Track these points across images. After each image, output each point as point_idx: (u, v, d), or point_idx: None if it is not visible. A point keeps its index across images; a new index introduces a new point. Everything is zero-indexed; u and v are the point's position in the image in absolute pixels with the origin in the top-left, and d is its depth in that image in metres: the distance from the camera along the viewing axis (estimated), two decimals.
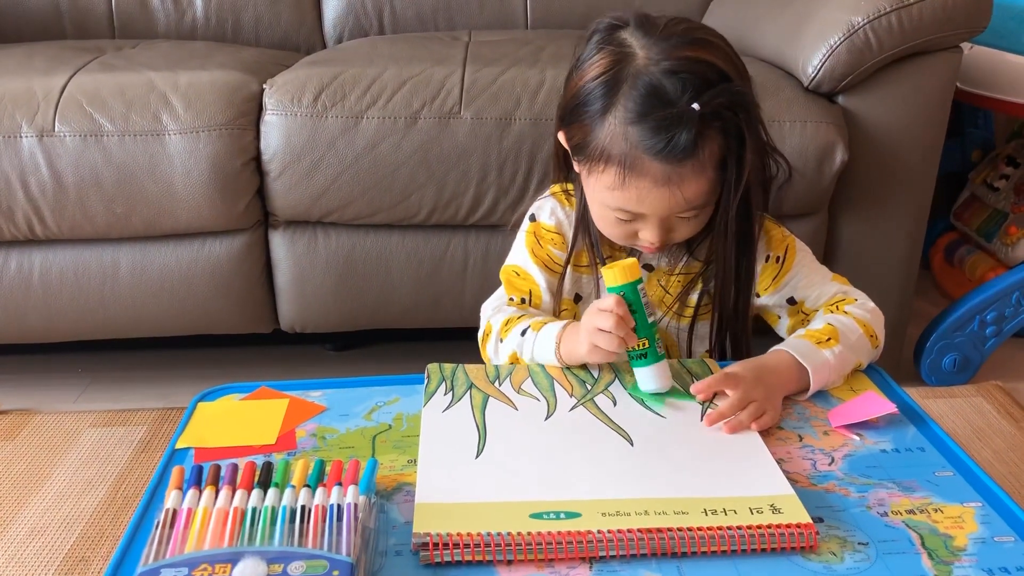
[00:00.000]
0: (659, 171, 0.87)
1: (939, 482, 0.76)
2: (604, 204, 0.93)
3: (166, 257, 1.40)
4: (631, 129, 0.87)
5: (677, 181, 0.87)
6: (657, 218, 0.91)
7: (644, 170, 0.87)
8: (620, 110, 0.87)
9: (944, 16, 1.30)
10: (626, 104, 0.87)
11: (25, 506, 1.25)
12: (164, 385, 1.62)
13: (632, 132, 0.86)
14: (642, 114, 0.86)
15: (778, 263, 1.03)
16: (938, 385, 1.57)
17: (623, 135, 0.87)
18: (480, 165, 1.33)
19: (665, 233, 0.93)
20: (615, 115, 0.88)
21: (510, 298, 1.05)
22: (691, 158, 0.86)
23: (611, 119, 0.88)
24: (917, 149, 1.40)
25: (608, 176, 0.89)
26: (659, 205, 0.89)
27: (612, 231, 0.97)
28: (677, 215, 0.92)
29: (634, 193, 0.89)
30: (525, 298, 1.05)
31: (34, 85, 1.37)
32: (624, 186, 0.89)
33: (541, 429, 0.82)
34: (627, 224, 0.94)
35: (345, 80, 1.35)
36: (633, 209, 0.91)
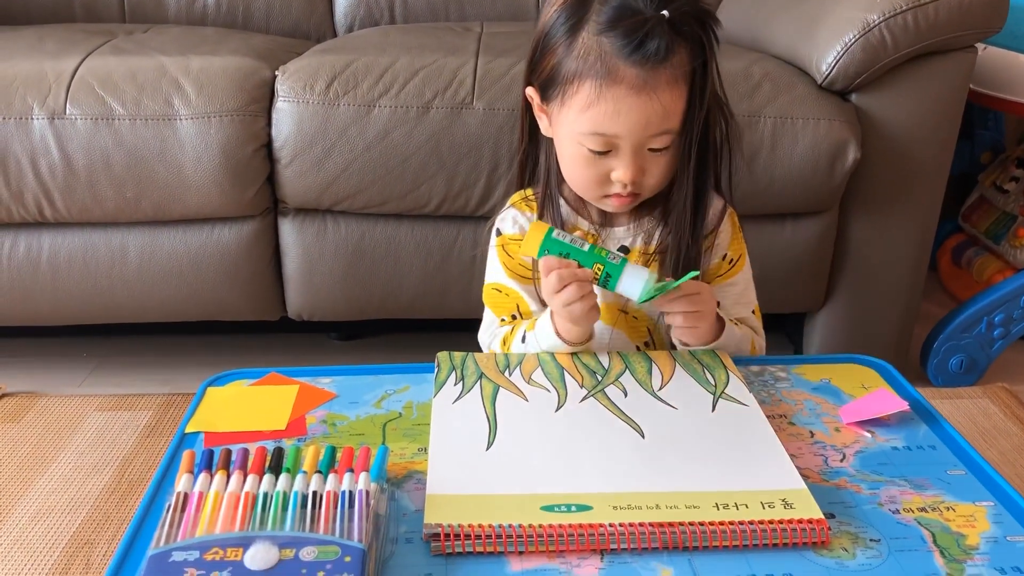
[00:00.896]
0: (634, 76, 0.87)
1: (951, 480, 0.75)
2: (578, 134, 0.92)
3: (175, 242, 1.39)
4: (603, 39, 0.88)
5: (652, 88, 0.88)
6: (632, 144, 0.91)
7: (619, 76, 0.88)
8: (591, 24, 0.89)
9: (960, 16, 1.30)
10: (596, 19, 0.89)
11: (30, 489, 1.25)
12: (169, 370, 1.62)
13: (605, 41, 0.88)
14: (614, 22, 0.88)
15: (730, 265, 1.05)
16: (944, 386, 1.57)
17: (596, 46, 0.88)
18: (491, 156, 1.33)
19: (638, 169, 0.93)
20: (586, 30, 0.89)
21: (501, 319, 1.06)
22: (665, 63, 0.87)
23: (582, 35, 0.90)
24: (929, 149, 1.40)
25: (583, 93, 0.90)
26: (635, 117, 0.89)
27: (584, 177, 0.95)
28: (649, 144, 0.92)
29: (611, 104, 0.89)
30: (515, 314, 1.05)
31: (46, 67, 1.36)
32: (600, 98, 0.89)
33: (552, 420, 0.82)
34: (599, 162, 0.93)
35: (357, 68, 1.34)
36: (608, 128, 0.90)
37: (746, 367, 0.94)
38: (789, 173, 1.33)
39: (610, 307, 1.03)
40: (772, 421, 0.82)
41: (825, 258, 1.45)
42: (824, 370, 0.94)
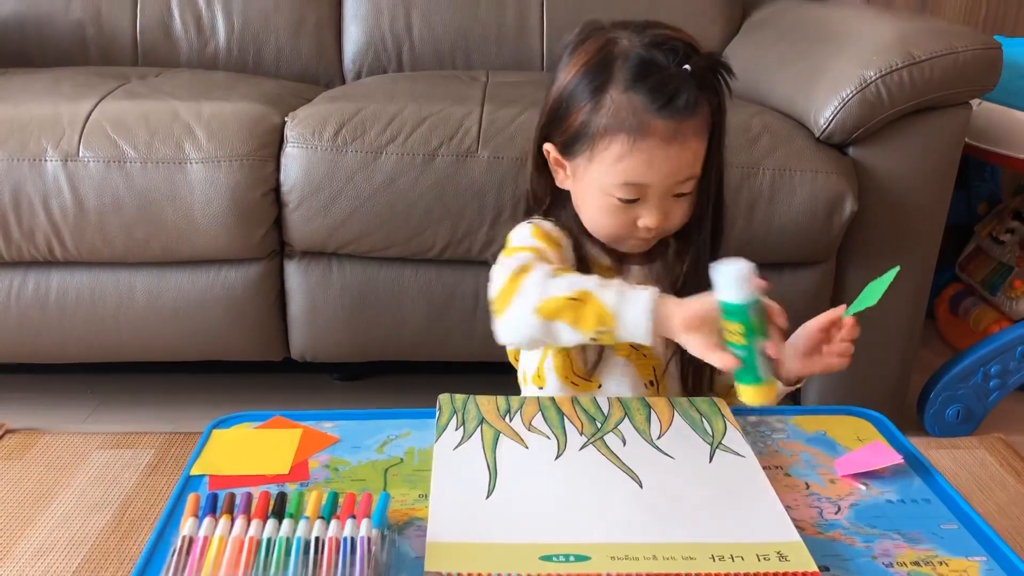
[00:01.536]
0: (665, 129, 0.92)
1: (944, 535, 0.76)
2: (608, 186, 0.96)
3: (182, 283, 1.41)
4: (633, 95, 0.92)
5: (682, 139, 0.93)
6: (659, 192, 0.95)
7: (651, 130, 0.92)
8: (618, 82, 0.93)
9: (955, 73, 1.33)
10: (623, 76, 0.93)
11: (31, 526, 1.26)
12: (171, 409, 1.63)
13: (635, 97, 0.92)
14: (640, 79, 0.92)
15: None
16: (941, 436, 1.58)
17: (626, 103, 0.93)
18: (495, 203, 1.35)
19: (663, 215, 0.97)
20: (613, 88, 0.93)
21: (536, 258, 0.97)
22: (693, 115, 0.92)
23: (610, 94, 0.94)
24: (925, 202, 1.42)
25: (616, 147, 0.94)
26: (666, 167, 0.93)
27: (611, 224, 0.99)
28: (675, 190, 0.96)
29: (644, 156, 0.93)
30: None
31: (60, 110, 1.39)
32: (633, 151, 0.93)
33: (551, 469, 0.83)
34: (627, 210, 0.97)
35: (365, 116, 1.37)
36: (640, 178, 0.94)
37: (743, 417, 0.95)
38: (787, 224, 1.35)
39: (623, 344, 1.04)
40: (768, 472, 0.83)
41: (822, 308, 1.44)
42: (820, 421, 0.95)
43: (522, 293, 0.91)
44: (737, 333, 0.82)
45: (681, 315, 0.85)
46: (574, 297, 0.89)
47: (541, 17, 1.89)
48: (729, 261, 0.82)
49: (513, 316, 0.92)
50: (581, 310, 0.88)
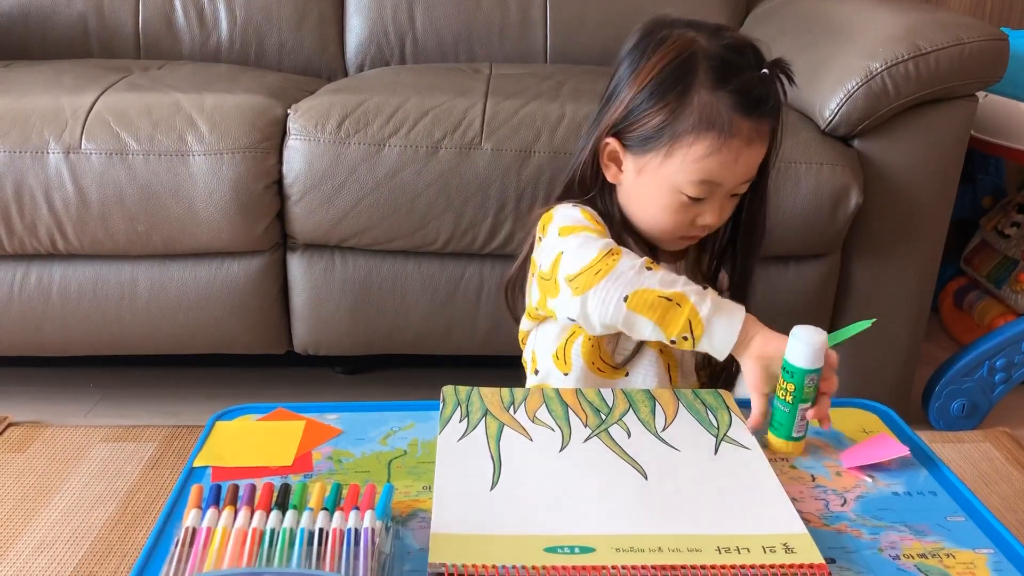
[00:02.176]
0: (749, 129, 0.96)
1: (951, 527, 0.76)
2: (683, 183, 0.98)
3: (184, 276, 1.41)
4: (721, 94, 0.96)
5: (760, 140, 0.98)
6: (726, 191, 0.99)
7: (739, 129, 0.96)
8: (704, 82, 0.96)
9: (961, 65, 1.32)
10: (708, 76, 0.96)
11: (34, 519, 1.26)
12: (173, 403, 1.63)
13: (723, 96, 0.96)
14: (726, 80, 0.95)
15: None
16: (946, 430, 1.57)
17: (715, 102, 0.96)
18: (498, 196, 1.35)
19: (720, 215, 1.02)
20: (700, 87, 0.96)
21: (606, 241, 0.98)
22: (770, 118, 0.98)
23: (697, 92, 0.96)
24: (931, 194, 1.41)
25: (700, 145, 0.96)
26: (744, 167, 0.98)
27: (674, 220, 1.02)
28: (736, 190, 1.01)
29: (731, 154, 0.97)
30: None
31: (62, 103, 1.39)
32: (722, 148, 0.96)
33: (555, 461, 0.83)
34: (691, 207, 1.00)
35: (368, 108, 1.37)
36: (719, 176, 0.98)
37: (748, 410, 0.95)
38: (792, 216, 1.35)
39: None
40: (773, 464, 0.83)
41: (827, 301, 1.46)
42: None
43: (616, 276, 0.92)
44: (788, 392, 0.85)
45: (761, 345, 0.89)
46: (670, 297, 0.90)
47: (544, 9, 1.88)
48: (808, 328, 0.84)
49: (602, 295, 0.92)
50: (673, 312, 0.90)
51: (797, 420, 0.86)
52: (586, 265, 0.94)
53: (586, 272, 0.93)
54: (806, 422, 0.86)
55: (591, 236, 0.98)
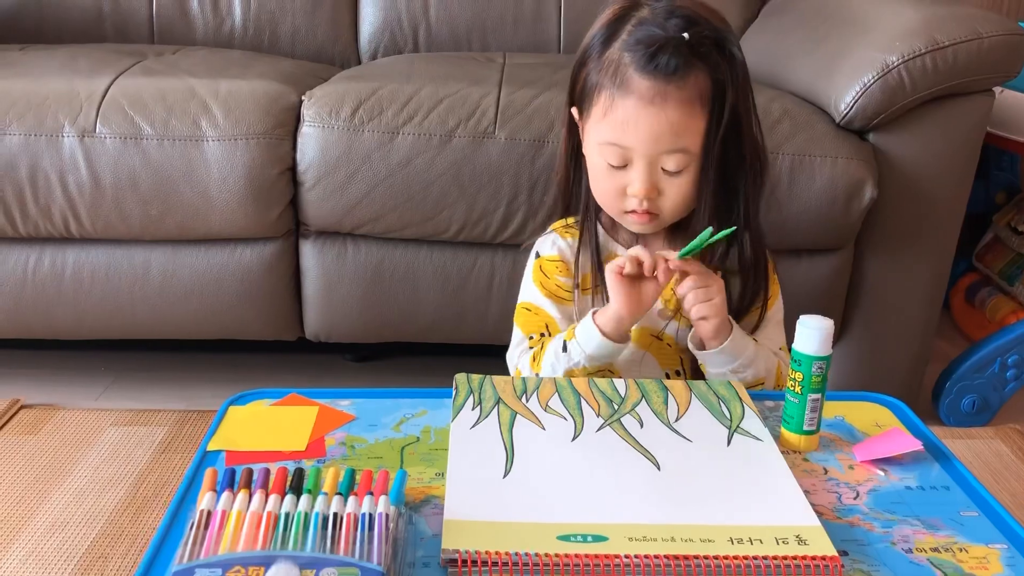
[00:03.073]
0: (646, 88, 0.93)
1: (964, 521, 0.76)
2: (597, 145, 0.98)
3: (197, 261, 1.41)
4: (624, 54, 0.95)
5: (662, 102, 0.93)
6: (643, 158, 0.96)
7: (632, 87, 0.94)
8: (619, 41, 0.96)
9: (978, 60, 1.31)
10: (625, 37, 0.96)
11: (46, 501, 1.27)
12: (185, 387, 1.63)
13: (626, 55, 0.95)
14: (638, 41, 0.94)
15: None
16: (956, 426, 1.57)
17: (616, 59, 0.95)
18: (512, 185, 1.35)
19: (652, 186, 0.97)
20: (614, 46, 0.96)
21: (529, 337, 1.08)
22: (677, 81, 0.93)
23: (610, 50, 0.96)
24: (945, 190, 1.41)
25: (600, 102, 0.96)
26: (645, 129, 0.94)
27: (603, 187, 1.01)
28: (662, 162, 0.96)
29: (621, 114, 0.95)
30: (544, 332, 1.08)
31: (77, 86, 1.39)
32: (613, 106, 0.95)
33: (568, 450, 0.83)
34: (617, 175, 0.98)
35: (383, 96, 1.37)
36: (620, 139, 0.95)
37: (761, 402, 0.95)
38: (806, 210, 1.34)
39: (644, 332, 1.05)
40: (786, 457, 0.83)
41: (839, 295, 1.46)
42: (838, 407, 0.94)
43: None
44: (796, 382, 0.85)
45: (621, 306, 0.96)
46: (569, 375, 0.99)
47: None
48: (814, 317, 0.84)
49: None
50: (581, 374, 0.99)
51: (808, 412, 0.85)
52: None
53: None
54: (818, 414, 0.86)
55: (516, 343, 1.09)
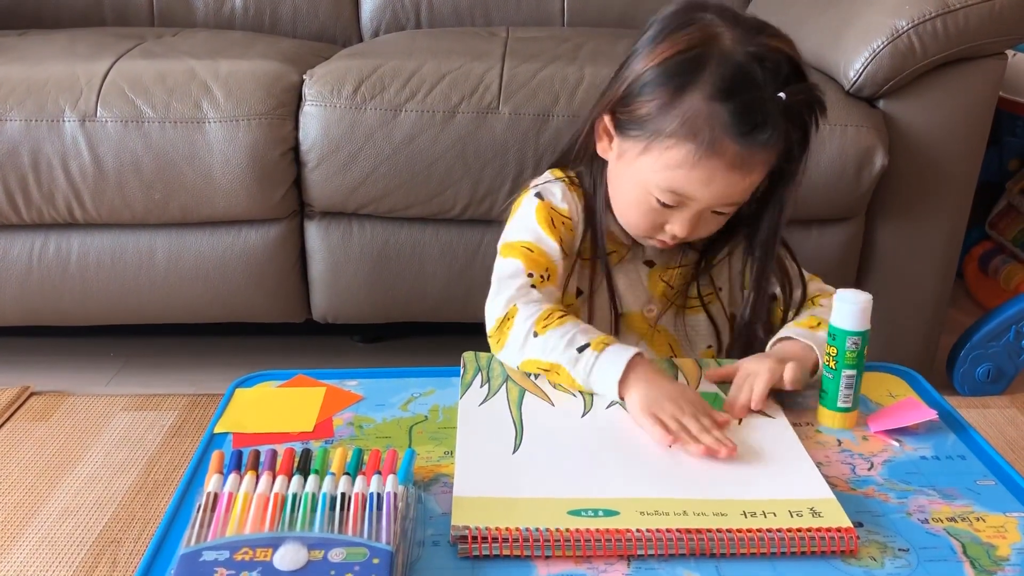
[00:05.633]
0: (736, 154, 0.87)
1: (980, 491, 0.75)
2: (653, 185, 0.91)
3: (202, 244, 1.41)
4: (717, 107, 0.86)
5: (748, 167, 0.88)
6: (701, 207, 0.91)
7: (722, 150, 0.86)
8: (705, 86, 0.86)
9: (990, 22, 1.29)
10: (713, 81, 0.86)
11: (57, 487, 1.27)
12: (194, 371, 1.63)
13: (718, 110, 0.86)
14: (730, 93, 0.85)
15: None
16: (971, 395, 1.56)
17: (707, 112, 0.86)
18: (517, 160, 1.33)
19: (693, 228, 0.93)
20: (699, 90, 0.86)
21: (529, 274, 0.96)
22: (766, 147, 0.87)
23: (694, 95, 0.87)
24: (957, 156, 1.39)
25: (678, 153, 0.88)
26: (723, 190, 0.89)
27: (639, 219, 0.95)
28: (716, 209, 0.92)
29: (704, 173, 0.88)
30: (544, 276, 0.96)
31: (77, 71, 1.38)
32: (696, 165, 0.87)
33: (578, 426, 0.82)
34: (661, 213, 0.93)
35: (384, 73, 1.35)
36: (690, 192, 0.90)
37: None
38: (816, 179, 1.32)
39: (637, 317, 1.04)
40: (798, 429, 0.82)
41: (851, 265, 1.44)
42: None
43: (508, 346, 0.91)
44: (831, 356, 0.82)
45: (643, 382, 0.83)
46: (547, 368, 0.88)
47: None
48: (852, 291, 0.82)
49: (505, 359, 0.93)
50: (556, 377, 0.88)
51: (842, 388, 0.82)
52: (490, 331, 0.95)
53: (491, 337, 0.94)
54: (854, 392, 0.82)
55: (510, 278, 0.96)
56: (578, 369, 0.86)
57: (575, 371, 0.86)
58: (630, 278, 1.03)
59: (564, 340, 0.87)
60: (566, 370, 0.86)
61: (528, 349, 0.89)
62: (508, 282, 0.96)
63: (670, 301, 1.03)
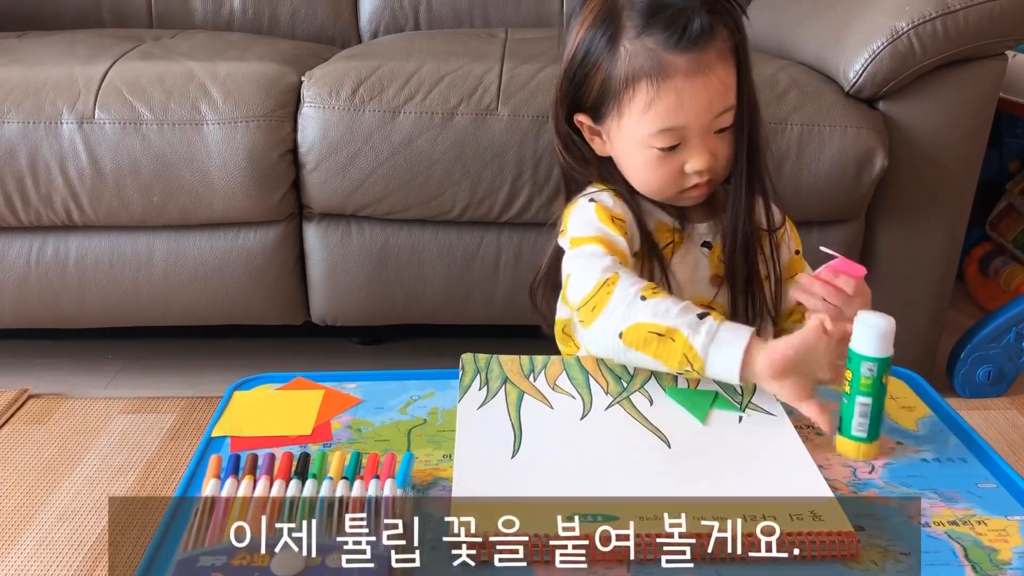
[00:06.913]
0: (686, 63, 0.89)
1: (982, 494, 0.74)
2: (645, 137, 0.92)
3: (200, 246, 1.40)
4: (645, 38, 0.89)
5: (705, 69, 0.89)
6: (699, 131, 0.92)
7: (672, 67, 0.89)
8: (627, 30, 0.90)
9: (990, 23, 1.29)
10: (631, 23, 0.90)
11: (56, 490, 1.27)
12: (192, 374, 1.63)
13: (647, 39, 0.89)
14: (649, 20, 0.89)
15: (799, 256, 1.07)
16: (972, 397, 1.55)
17: (639, 48, 0.90)
18: (516, 162, 1.33)
19: (710, 155, 0.93)
20: (625, 37, 0.90)
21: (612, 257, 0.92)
22: (711, 42, 0.89)
23: (622, 43, 0.90)
24: (958, 157, 1.38)
25: (640, 95, 0.90)
26: (697, 102, 0.90)
27: (659, 177, 0.94)
28: (715, 125, 0.92)
29: (671, 97, 0.89)
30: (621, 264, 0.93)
31: (75, 72, 1.38)
32: (659, 94, 0.89)
33: (577, 428, 0.82)
34: (671, 158, 0.93)
35: (383, 74, 1.35)
36: (674, 121, 0.90)
37: None
38: (816, 181, 1.32)
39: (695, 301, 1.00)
40: (799, 431, 0.81)
41: None
42: None
43: (609, 312, 0.86)
44: (847, 381, 0.78)
45: (769, 364, 0.78)
46: (662, 332, 0.82)
47: None
48: (873, 313, 0.78)
49: (599, 333, 0.87)
50: (668, 347, 0.82)
51: (856, 416, 0.78)
52: (584, 298, 0.89)
53: (584, 307, 0.89)
54: (869, 420, 0.77)
55: (594, 256, 0.92)
56: (699, 336, 0.81)
57: (695, 338, 0.81)
58: (690, 264, 1.01)
59: (678, 307, 0.83)
60: (683, 336, 0.81)
61: (636, 312, 0.84)
62: (596, 259, 0.92)
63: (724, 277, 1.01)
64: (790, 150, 1.31)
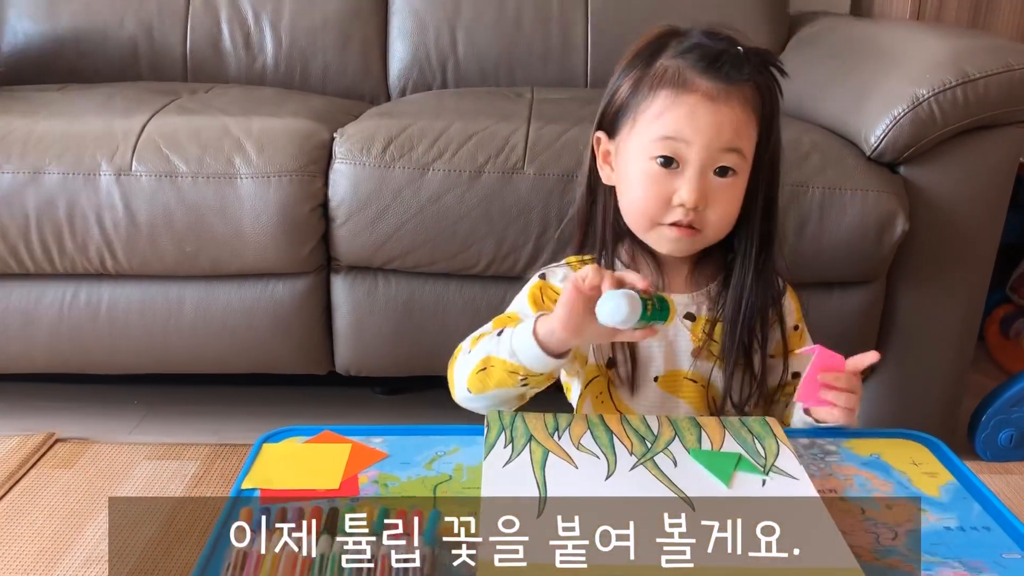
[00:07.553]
0: (708, 87, 0.94)
1: (1007, 564, 0.74)
2: (648, 144, 0.96)
3: (230, 296, 1.43)
4: (679, 59, 0.96)
5: (725, 99, 0.94)
6: (700, 157, 0.94)
7: (695, 86, 0.94)
8: (666, 56, 0.97)
9: (1009, 92, 1.31)
10: (674, 48, 0.97)
11: (81, 534, 1.28)
12: (216, 421, 1.64)
13: (681, 60, 0.95)
14: (691, 48, 0.96)
15: (799, 334, 1.08)
16: (993, 460, 1.55)
17: (672, 64, 0.96)
18: (540, 220, 1.35)
19: (702, 193, 0.95)
20: (663, 56, 0.97)
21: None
22: (738, 84, 0.94)
23: (659, 61, 0.97)
24: (978, 222, 1.40)
25: (658, 102, 0.95)
26: (708, 121, 0.94)
27: (647, 193, 0.97)
28: (717, 161, 0.95)
29: (685, 109, 0.94)
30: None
31: (114, 126, 1.42)
32: (675, 103, 0.94)
33: (601, 489, 0.82)
34: (666, 178, 0.95)
35: (413, 132, 1.38)
36: (680, 131, 0.94)
37: (795, 439, 0.94)
38: (837, 243, 1.33)
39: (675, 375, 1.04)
40: (822, 496, 0.82)
41: (872, 328, 1.44)
42: (874, 444, 0.93)
43: (456, 382, 0.98)
44: None
45: (559, 322, 0.87)
46: (484, 367, 0.94)
47: (586, 34, 1.89)
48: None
49: (461, 400, 0.98)
50: (496, 373, 0.93)
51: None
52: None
53: (449, 381, 1.01)
54: None
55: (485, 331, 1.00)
56: (500, 347, 0.92)
57: (498, 350, 0.92)
58: (666, 334, 1.03)
59: (491, 337, 0.95)
60: (495, 356, 0.93)
61: (467, 368, 0.96)
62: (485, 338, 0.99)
63: (716, 357, 1.03)
64: (812, 212, 1.32)
